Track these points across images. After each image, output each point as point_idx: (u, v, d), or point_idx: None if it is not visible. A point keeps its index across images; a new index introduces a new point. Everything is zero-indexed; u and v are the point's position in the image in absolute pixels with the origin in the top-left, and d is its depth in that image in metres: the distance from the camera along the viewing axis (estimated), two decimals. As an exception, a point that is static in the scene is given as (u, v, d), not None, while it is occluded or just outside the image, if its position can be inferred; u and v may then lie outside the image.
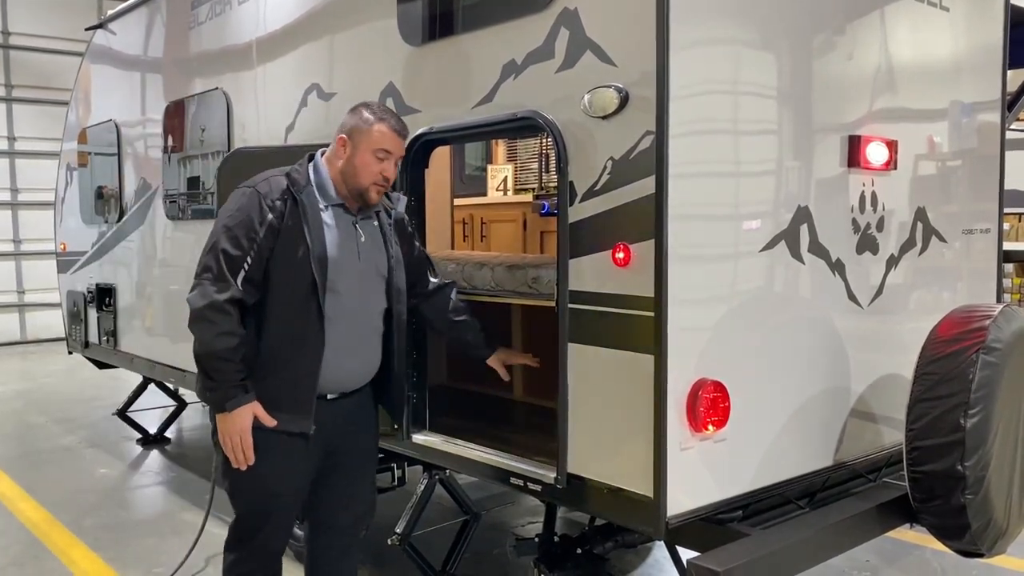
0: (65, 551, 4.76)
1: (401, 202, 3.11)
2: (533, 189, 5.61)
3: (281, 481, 2.82)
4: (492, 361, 3.38)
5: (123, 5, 6.32)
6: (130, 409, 7.26)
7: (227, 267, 2.67)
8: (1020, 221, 8.29)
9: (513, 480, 3.18)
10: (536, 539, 3.66)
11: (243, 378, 2.70)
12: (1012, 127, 4.43)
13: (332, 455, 2.93)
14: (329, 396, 2.87)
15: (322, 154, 2.93)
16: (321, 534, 3.08)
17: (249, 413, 2.70)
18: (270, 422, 2.72)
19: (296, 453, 2.81)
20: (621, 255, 2.71)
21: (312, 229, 2.74)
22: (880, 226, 3.33)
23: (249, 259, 2.69)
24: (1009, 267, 8.46)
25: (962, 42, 3.72)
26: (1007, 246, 5.40)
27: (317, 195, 2.81)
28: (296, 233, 2.73)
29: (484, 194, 5.55)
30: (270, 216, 2.71)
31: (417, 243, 3.25)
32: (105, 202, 6.57)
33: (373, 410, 3.09)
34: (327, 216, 2.81)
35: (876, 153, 3.23)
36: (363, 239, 2.89)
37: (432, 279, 3.27)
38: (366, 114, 2.85)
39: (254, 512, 2.85)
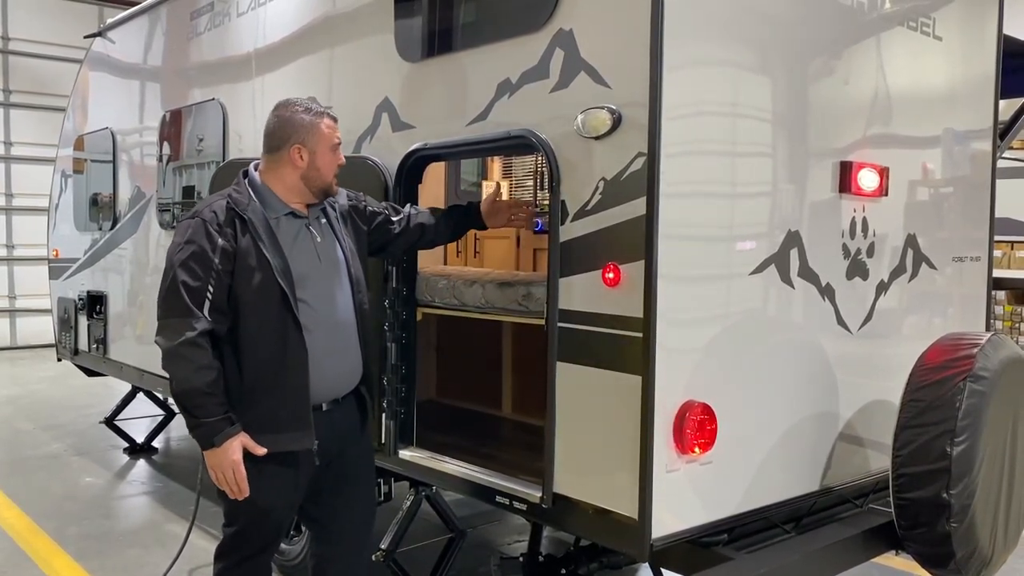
0: (48, 560, 4.73)
1: (342, 194, 3.09)
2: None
3: (275, 498, 2.82)
4: (487, 217, 3.39)
5: (123, 14, 6.34)
6: (118, 418, 7.22)
7: (190, 300, 2.63)
8: (1012, 249, 8.33)
9: (499, 498, 3.16)
10: (521, 558, 3.65)
11: (226, 411, 2.66)
12: (1004, 156, 4.46)
13: (332, 465, 2.94)
14: (324, 407, 2.86)
15: (255, 168, 2.91)
16: (330, 544, 3.09)
17: (238, 445, 2.67)
18: (259, 451, 2.70)
19: (289, 470, 2.81)
20: (611, 275, 2.71)
21: (267, 243, 2.72)
22: (870, 252, 3.34)
23: (211, 287, 2.65)
24: (1001, 295, 8.49)
25: (955, 71, 3.75)
26: (999, 274, 5.43)
27: (263, 210, 2.79)
28: (253, 251, 2.70)
29: (478, 210, 5.55)
30: (220, 241, 2.67)
31: (373, 208, 3.19)
32: (99, 209, 6.56)
33: (364, 414, 3.08)
34: (278, 227, 2.80)
35: (867, 179, 3.24)
36: (319, 239, 2.89)
37: (396, 219, 3.24)
38: (304, 116, 2.84)
39: (248, 528, 2.86)
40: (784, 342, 3.07)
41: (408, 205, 3.36)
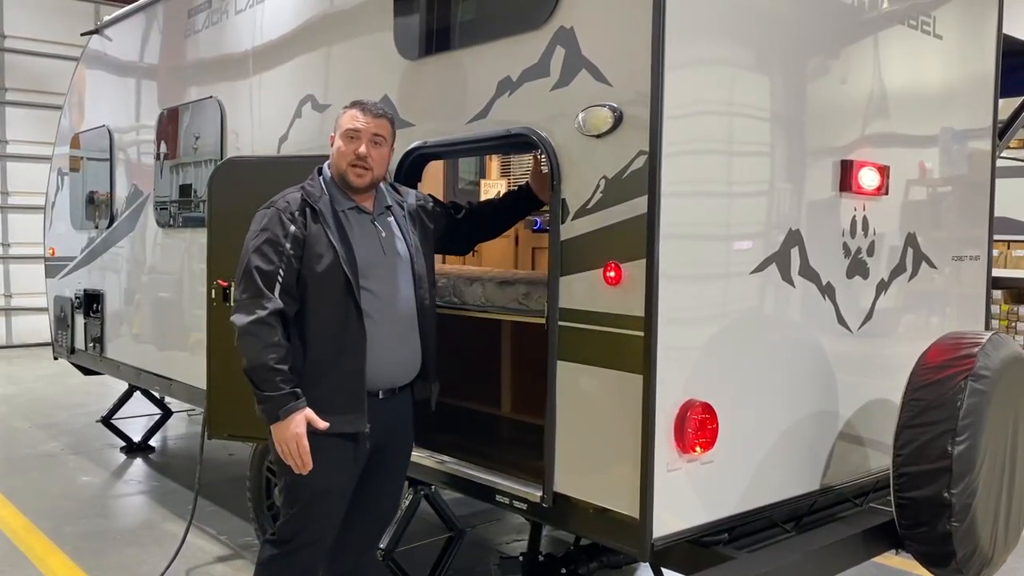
0: (44, 559, 4.71)
1: (411, 194, 3.20)
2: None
3: (331, 478, 2.89)
4: (540, 192, 3.35)
5: (120, 12, 6.32)
6: (115, 416, 7.19)
7: (262, 282, 2.79)
8: (1009, 248, 8.34)
9: (499, 498, 3.16)
10: (520, 558, 3.64)
11: (293, 386, 2.78)
12: (1003, 155, 4.46)
13: (376, 452, 3.01)
14: (381, 394, 2.95)
15: (328, 164, 3.04)
16: (347, 528, 3.12)
17: (302, 419, 2.78)
18: (322, 425, 2.80)
19: (346, 453, 2.90)
20: (612, 274, 2.70)
21: (335, 233, 2.86)
22: (871, 251, 3.33)
23: (281, 271, 2.81)
24: (998, 294, 8.50)
25: (954, 70, 3.75)
26: (996, 273, 5.43)
27: (332, 203, 2.92)
28: (321, 240, 2.85)
29: (477, 209, 5.54)
30: (292, 228, 2.83)
31: (440, 209, 3.29)
32: (96, 208, 6.54)
33: (413, 408, 3.14)
34: (347, 219, 2.93)
35: (868, 178, 3.24)
36: (384, 234, 3.00)
37: (460, 217, 3.34)
38: (343, 107, 2.98)
39: (305, 511, 2.92)
40: (785, 341, 3.07)
41: (467, 202, 3.47)
